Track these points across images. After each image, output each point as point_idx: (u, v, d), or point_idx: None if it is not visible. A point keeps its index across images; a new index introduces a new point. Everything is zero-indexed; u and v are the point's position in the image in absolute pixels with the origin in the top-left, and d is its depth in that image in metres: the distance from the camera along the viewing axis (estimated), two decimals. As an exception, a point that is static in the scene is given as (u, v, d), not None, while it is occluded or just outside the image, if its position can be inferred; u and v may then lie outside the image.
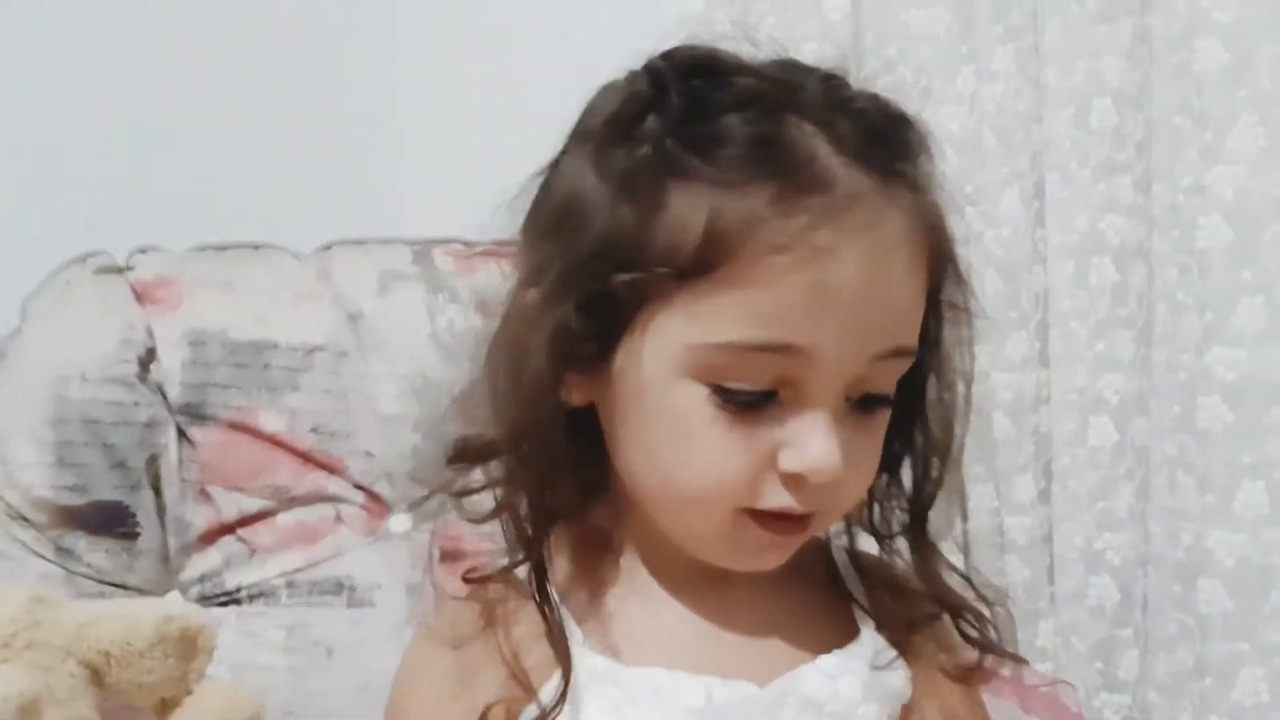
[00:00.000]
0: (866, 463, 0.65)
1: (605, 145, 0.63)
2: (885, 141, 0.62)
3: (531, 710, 0.64)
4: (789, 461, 0.61)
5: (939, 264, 0.65)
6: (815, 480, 0.61)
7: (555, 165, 0.67)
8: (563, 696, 0.63)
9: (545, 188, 0.67)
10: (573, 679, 0.64)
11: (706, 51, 0.64)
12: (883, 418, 0.66)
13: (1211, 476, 0.93)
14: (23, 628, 0.75)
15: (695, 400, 0.61)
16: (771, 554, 0.66)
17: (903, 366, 0.64)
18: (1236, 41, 0.91)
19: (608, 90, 0.65)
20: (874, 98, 0.64)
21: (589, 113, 0.66)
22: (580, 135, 0.66)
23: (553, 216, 0.65)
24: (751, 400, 0.61)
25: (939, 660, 0.70)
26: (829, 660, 0.67)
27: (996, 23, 1.06)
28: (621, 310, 0.62)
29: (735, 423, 0.61)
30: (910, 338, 0.64)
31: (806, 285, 0.59)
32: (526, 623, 0.66)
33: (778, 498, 0.62)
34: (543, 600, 0.66)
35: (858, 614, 0.71)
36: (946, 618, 0.71)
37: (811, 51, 1.19)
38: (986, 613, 0.70)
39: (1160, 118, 0.96)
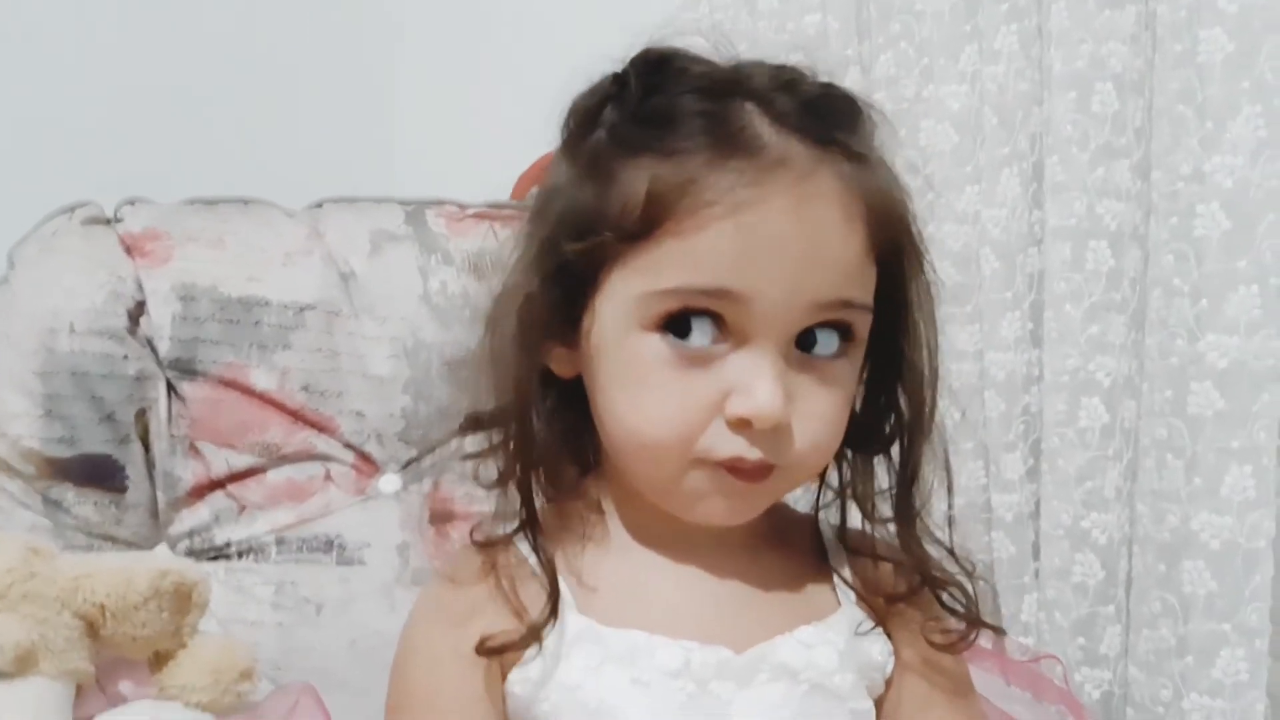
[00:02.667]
0: (821, 412, 0.66)
1: (574, 137, 0.69)
2: (822, 114, 0.66)
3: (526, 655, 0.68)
4: (734, 405, 0.64)
5: (882, 228, 0.67)
6: (759, 425, 0.64)
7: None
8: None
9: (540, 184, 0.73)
10: (558, 636, 0.67)
11: (669, 50, 0.68)
12: (840, 370, 0.67)
13: (1200, 460, 0.94)
14: (19, 579, 0.75)
15: (648, 349, 0.65)
16: (733, 505, 0.68)
17: (854, 320, 0.66)
18: (1241, 32, 0.92)
19: (581, 93, 0.70)
20: (824, 84, 0.68)
21: (567, 113, 0.71)
22: (560, 133, 0.71)
23: (535, 204, 0.71)
24: (699, 346, 0.64)
25: (923, 630, 0.71)
26: (807, 631, 0.69)
27: (1001, 2, 1.05)
28: (583, 278, 0.66)
29: (686, 369, 0.64)
30: (855, 292, 0.66)
31: (735, 232, 0.62)
32: (520, 573, 0.70)
33: (729, 445, 0.65)
34: (535, 546, 0.70)
35: (840, 588, 0.72)
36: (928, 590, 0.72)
37: (814, 24, 1.20)
38: (967, 584, 0.72)
39: (1162, 105, 0.97)
